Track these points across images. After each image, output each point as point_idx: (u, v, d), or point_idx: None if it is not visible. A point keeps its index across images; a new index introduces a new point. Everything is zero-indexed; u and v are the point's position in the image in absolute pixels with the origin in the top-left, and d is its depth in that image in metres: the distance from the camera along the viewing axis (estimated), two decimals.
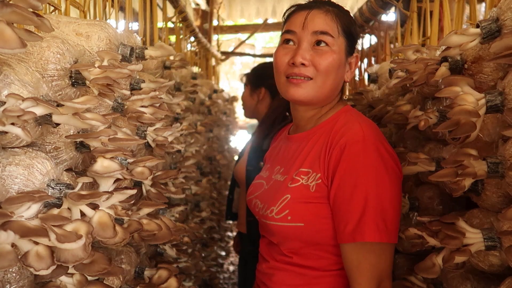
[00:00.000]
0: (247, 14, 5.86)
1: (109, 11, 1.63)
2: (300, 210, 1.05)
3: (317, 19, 1.07)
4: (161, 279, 1.16)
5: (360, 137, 1.02)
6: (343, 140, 1.02)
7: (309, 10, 1.09)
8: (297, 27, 1.08)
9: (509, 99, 0.81)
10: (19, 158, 0.74)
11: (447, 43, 0.93)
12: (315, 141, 1.10)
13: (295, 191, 1.07)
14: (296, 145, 1.17)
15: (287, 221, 1.05)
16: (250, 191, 1.27)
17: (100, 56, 0.92)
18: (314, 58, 1.06)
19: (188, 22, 2.71)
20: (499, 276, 0.94)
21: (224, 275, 3.98)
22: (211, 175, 2.94)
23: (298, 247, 1.09)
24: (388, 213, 0.99)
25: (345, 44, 1.10)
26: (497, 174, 0.86)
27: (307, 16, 1.07)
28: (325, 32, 1.06)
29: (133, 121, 1.03)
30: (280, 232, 1.09)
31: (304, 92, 1.08)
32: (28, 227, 0.60)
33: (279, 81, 1.13)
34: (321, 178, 1.04)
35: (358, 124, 1.06)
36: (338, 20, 1.09)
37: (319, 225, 1.05)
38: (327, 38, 1.06)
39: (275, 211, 1.07)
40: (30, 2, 0.55)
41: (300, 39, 1.08)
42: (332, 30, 1.07)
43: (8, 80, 0.69)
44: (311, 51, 1.07)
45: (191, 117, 2.07)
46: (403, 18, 1.85)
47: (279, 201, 1.07)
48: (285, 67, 1.09)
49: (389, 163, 1.02)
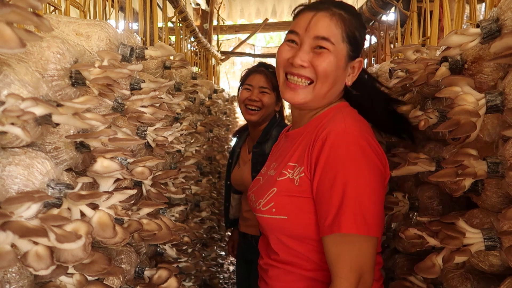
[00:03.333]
0: (247, 14, 5.87)
1: (109, 11, 1.63)
2: (284, 203, 1.07)
3: (321, 23, 1.07)
4: (161, 279, 1.16)
5: (341, 129, 1.02)
6: (324, 132, 1.03)
7: (315, 13, 1.09)
8: (301, 29, 1.09)
9: (509, 99, 0.81)
10: (19, 158, 0.74)
11: (447, 43, 0.93)
12: (305, 137, 1.12)
13: (281, 184, 1.09)
14: (290, 142, 1.19)
15: (272, 213, 1.08)
16: (250, 187, 1.30)
17: (100, 56, 0.92)
18: (313, 59, 1.07)
19: (188, 22, 2.71)
20: (499, 276, 0.94)
21: (224, 275, 3.98)
22: (211, 175, 2.94)
23: (283, 242, 1.10)
24: (367, 206, 0.97)
25: (347, 49, 1.10)
26: (497, 174, 0.86)
27: (311, 20, 1.08)
28: (326, 38, 1.07)
29: (133, 121, 1.03)
30: (266, 225, 1.12)
31: (301, 98, 1.10)
32: (28, 227, 0.60)
33: (278, 75, 1.16)
34: (304, 171, 1.05)
35: (341, 118, 1.07)
36: (343, 25, 1.09)
37: (302, 219, 1.05)
38: (327, 44, 1.07)
39: (262, 203, 1.10)
40: (30, 2, 0.55)
41: (302, 41, 1.09)
42: (334, 37, 1.07)
43: (8, 80, 0.69)
44: (311, 53, 1.08)
45: (191, 117, 2.07)
46: (403, 18, 1.85)
47: (266, 194, 1.11)
48: (285, 63, 1.12)
49: (371, 157, 1.01)
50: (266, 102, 2.09)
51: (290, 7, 5.65)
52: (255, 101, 2.09)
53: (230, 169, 2.34)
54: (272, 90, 2.10)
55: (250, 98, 2.10)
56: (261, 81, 2.11)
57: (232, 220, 2.38)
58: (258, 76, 2.13)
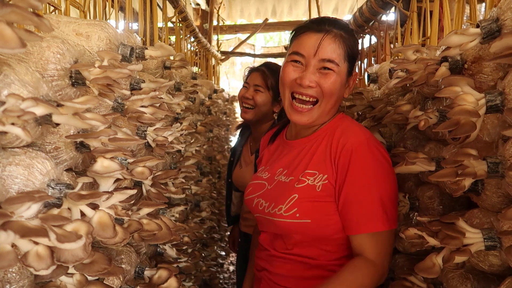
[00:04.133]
0: (247, 14, 5.87)
1: (109, 11, 1.63)
2: (308, 208, 1.15)
3: (327, 47, 1.16)
4: (161, 279, 1.16)
5: (364, 139, 1.15)
6: (349, 144, 1.14)
7: (321, 36, 1.16)
8: (307, 52, 1.17)
9: (509, 99, 0.81)
10: (19, 158, 0.74)
11: (447, 43, 0.93)
12: (318, 145, 1.21)
13: (302, 191, 1.16)
14: (298, 150, 1.27)
15: (296, 218, 1.15)
16: (250, 191, 1.34)
17: (100, 56, 0.92)
18: (320, 80, 1.16)
19: (188, 22, 2.71)
20: (499, 276, 0.94)
21: (224, 275, 3.98)
22: (211, 175, 2.94)
23: (301, 241, 1.19)
24: (390, 204, 1.12)
25: (347, 67, 1.20)
26: (497, 174, 0.86)
27: (319, 46, 1.16)
28: (332, 61, 1.16)
29: (133, 121, 1.03)
30: (288, 228, 1.18)
31: (308, 119, 1.21)
32: (28, 227, 0.60)
33: (283, 94, 1.24)
34: (328, 179, 1.15)
35: (358, 129, 1.20)
36: (345, 45, 1.18)
37: (324, 221, 1.15)
38: (332, 66, 1.16)
39: (283, 209, 1.17)
40: (30, 2, 0.55)
41: (308, 63, 1.17)
42: (338, 58, 1.16)
43: (8, 80, 0.69)
44: (317, 73, 1.17)
45: (191, 117, 2.07)
46: (403, 18, 1.85)
47: (287, 200, 1.17)
48: (292, 83, 1.20)
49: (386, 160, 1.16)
50: (258, 100, 2.06)
51: (290, 7, 5.65)
52: (248, 98, 2.08)
53: (231, 167, 2.33)
54: (266, 89, 2.07)
55: (245, 95, 2.09)
56: (257, 79, 2.09)
57: (234, 217, 2.39)
58: (255, 74, 2.12)
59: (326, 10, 5.49)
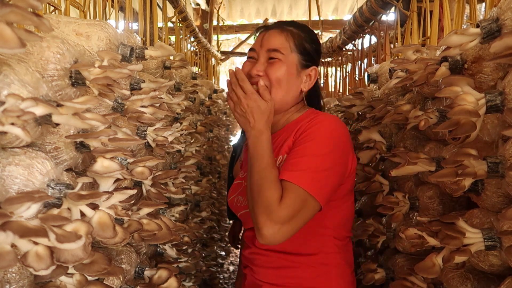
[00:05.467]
0: (247, 14, 5.87)
1: (109, 11, 1.63)
2: None
3: (272, 38, 1.26)
4: (161, 279, 1.16)
5: (325, 118, 1.21)
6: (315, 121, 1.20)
7: (268, 30, 1.28)
8: (257, 46, 1.28)
9: (509, 99, 0.81)
10: (19, 158, 0.74)
11: (447, 43, 0.93)
12: (284, 138, 1.25)
13: None
14: None
15: None
16: (231, 193, 1.41)
17: (100, 56, 0.92)
18: (267, 69, 1.23)
19: (188, 22, 2.71)
20: (499, 276, 0.94)
21: (224, 275, 3.98)
22: (211, 175, 2.94)
23: None
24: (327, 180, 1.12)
25: (299, 58, 1.26)
26: (497, 174, 0.86)
27: (263, 36, 1.27)
28: (277, 50, 1.24)
29: (133, 121, 1.03)
30: None
31: None
32: (28, 227, 0.59)
33: None
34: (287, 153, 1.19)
35: (328, 115, 1.28)
36: (292, 37, 1.26)
37: None
38: (278, 55, 1.23)
39: None
40: (30, 2, 0.55)
41: (258, 55, 1.26)
42: (283, 48, 1.24)
43: (8, 80, 0.69)
44: (266, 64, 1.24)
45: (191, 117, 2.07)
46: (403, 18, 1.85)
47: None
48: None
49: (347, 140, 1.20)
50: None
51: (290, 7, 5.65)
52: None
53: (233, 162, 2.33)
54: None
55: None
56: None
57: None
58: None
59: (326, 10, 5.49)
